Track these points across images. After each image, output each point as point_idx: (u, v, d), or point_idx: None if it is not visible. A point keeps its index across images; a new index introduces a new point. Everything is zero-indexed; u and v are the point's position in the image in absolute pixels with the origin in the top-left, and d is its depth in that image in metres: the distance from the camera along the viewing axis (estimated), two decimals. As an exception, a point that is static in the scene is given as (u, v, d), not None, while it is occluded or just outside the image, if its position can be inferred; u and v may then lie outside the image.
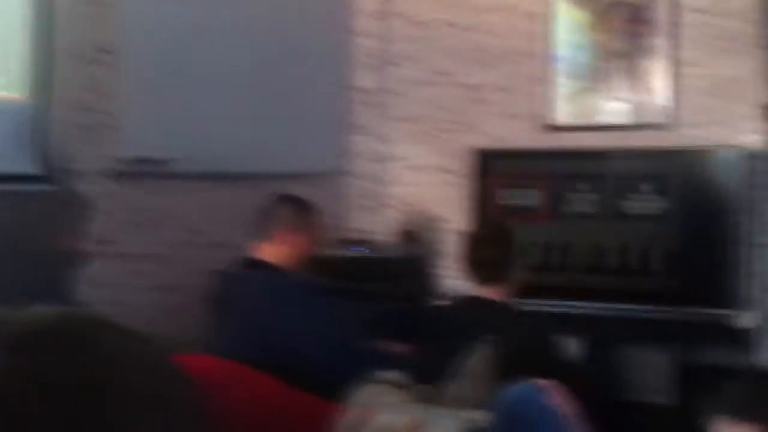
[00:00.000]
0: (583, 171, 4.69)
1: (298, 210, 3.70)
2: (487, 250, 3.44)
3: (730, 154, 4.43)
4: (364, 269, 4.71)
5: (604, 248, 4.58)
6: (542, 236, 4.66)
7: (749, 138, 4.41)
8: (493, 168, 4.80)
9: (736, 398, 2.31)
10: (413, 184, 5.20)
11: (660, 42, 4.68)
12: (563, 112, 4.89)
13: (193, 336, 3.51)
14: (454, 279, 4.45)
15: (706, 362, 4.32)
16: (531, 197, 4.73)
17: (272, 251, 3.60)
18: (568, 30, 4.86)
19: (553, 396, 2.55)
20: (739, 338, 4.23)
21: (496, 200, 4.76)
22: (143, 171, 4.14)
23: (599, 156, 4.72)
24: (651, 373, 4.61)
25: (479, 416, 2.90)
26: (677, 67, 4.64)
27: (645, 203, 4.52)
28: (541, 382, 2.59)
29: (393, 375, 3.36)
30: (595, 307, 4.53)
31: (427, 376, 3.25)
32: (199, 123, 4.33)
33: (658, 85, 4.69)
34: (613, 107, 4.82)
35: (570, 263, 4.65)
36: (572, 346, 4.14)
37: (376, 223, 5.20)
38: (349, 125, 5.21)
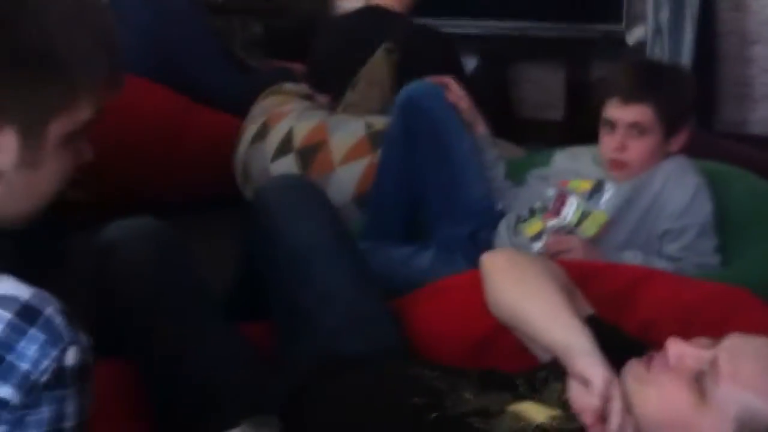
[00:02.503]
0: None
1: None
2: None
3: None
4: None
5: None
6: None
7: None
8: None
9: (626, 82, 2.38)
10: None
11: None
12: None
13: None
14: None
15: (597, 77, 4.40)
16: None
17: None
18: None
19: (452, 92, 2.57)
20: (630, 52, 4.29)
21: None
22: None
23: None
24: (544, 89, 4.69)
25: (379, 120, 2.92)
26: None
27: None
28: (440, 78, 2.59)
29: (293, 86, 3.35)
30: (491, 26, 4.54)
31: (327, 86, 3.25)
32: None
33: None
34: None
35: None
36: (469, 65, 4.16)
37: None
38: None
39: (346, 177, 2.88)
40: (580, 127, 2.54)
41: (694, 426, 1.24)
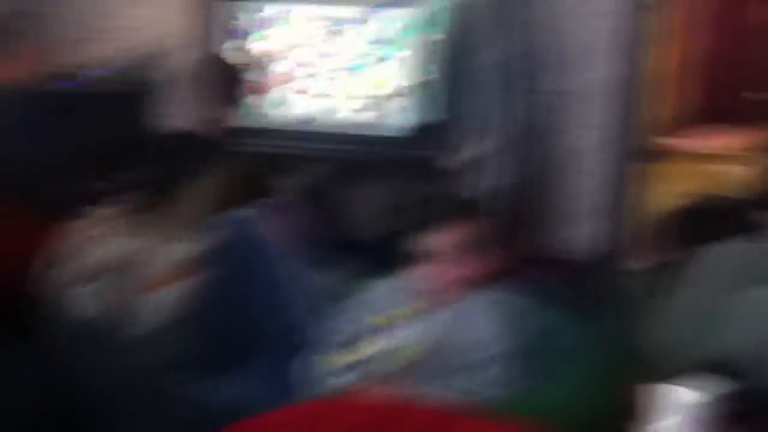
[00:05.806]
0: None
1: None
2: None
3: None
4: (76, 103, 4.49)
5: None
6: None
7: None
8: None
9: (435, 215, 2.46)
10: (134, 17, 5.01)
11: None
12: None
13: None
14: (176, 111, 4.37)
15: (416, 199, 4.48)
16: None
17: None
18: None
19: (269, 224, 2.57)
20: (447, 175, 4.40)
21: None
22: None
23: None
24: (364, 211, 4.74)
25: (191, 247, 2.89)
26: None
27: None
28: (256, 210, 2.60)
29: (104, 209, 3.29)
30: (312, 148, 4.60)
31: (141, 204, 3.20)
32: None
33: None
34: None
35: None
36: (287, 185, 4.19)
37: (95, 55, 4.97)
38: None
39: (164, 301, 2.84)
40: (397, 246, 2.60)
41: None
